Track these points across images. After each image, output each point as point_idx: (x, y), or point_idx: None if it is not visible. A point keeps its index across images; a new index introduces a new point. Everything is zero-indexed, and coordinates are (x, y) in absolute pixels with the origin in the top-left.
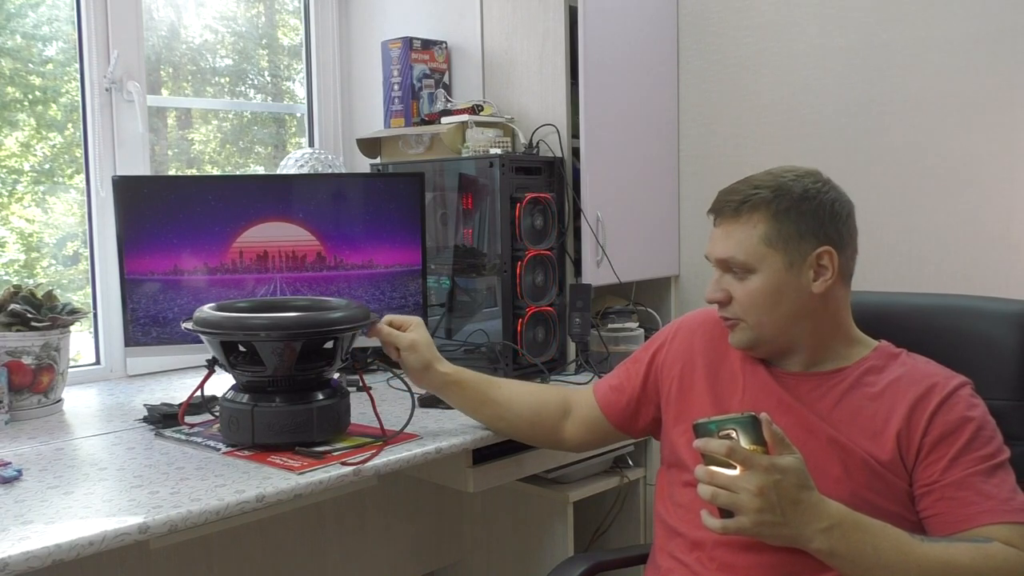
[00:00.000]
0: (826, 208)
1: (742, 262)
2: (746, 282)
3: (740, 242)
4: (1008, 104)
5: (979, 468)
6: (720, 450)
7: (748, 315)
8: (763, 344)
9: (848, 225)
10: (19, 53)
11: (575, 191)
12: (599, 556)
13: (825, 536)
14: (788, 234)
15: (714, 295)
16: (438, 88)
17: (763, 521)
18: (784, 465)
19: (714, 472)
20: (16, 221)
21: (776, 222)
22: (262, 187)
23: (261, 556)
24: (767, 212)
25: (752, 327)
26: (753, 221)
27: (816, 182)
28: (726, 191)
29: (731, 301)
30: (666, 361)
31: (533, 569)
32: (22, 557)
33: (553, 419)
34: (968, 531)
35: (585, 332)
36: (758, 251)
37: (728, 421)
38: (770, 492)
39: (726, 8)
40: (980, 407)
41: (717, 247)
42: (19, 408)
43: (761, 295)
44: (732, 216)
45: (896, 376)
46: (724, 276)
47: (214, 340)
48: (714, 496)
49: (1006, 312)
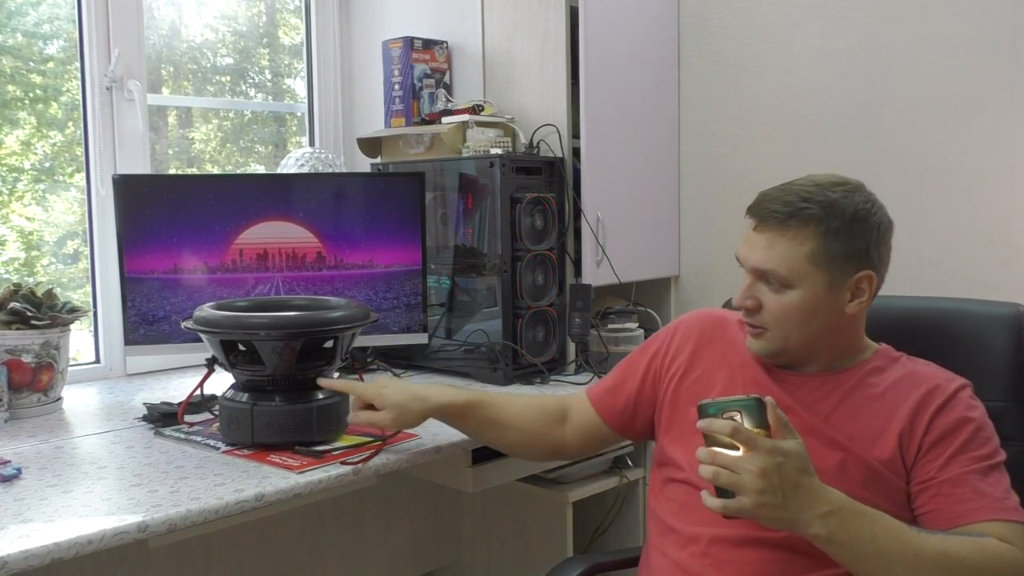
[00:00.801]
0: (874, 232)
1: (783, 276)
2: (781, 296)
3: (784, 256)
4: (1008, 105)
5: (976, 467)
6: (724, 429)
7: (777, 327)
8: (784, 355)
9: (888, 247)
10: (20, 51)
11: (575, 191)
12: (596, 558)
13: (824, 521)
14: (834, 255)
15: (744, 302)
16: (439, 88)
17: (763, 503)
18: (787, 448)
19: (716, 452)
20: (16, 219)
21: (825, 241)
22: (262, 186)
23: (260, 555)
24: (817, 230)
25: (779, 339)
26: (801, 237)
27: (867, 202)
28: (771, 198)
29: (760, 310)
30: (664, 363)
31: (532, 569)
32: (21, 555)
33: (552, 429)
34: (962, 527)
35: (585, 332)
36: (801, 268)
37: (733, 403)
38: (772, 474)
39: (727, 9)
40: (979, 409)
41: (756, 256)
42: (19, 406)
43: (796, 311)
44: (778, 227)
45: (898, 378)
46: (757, 284)
47: (214, 339)
48: (716, 476)
49: (997, 314)
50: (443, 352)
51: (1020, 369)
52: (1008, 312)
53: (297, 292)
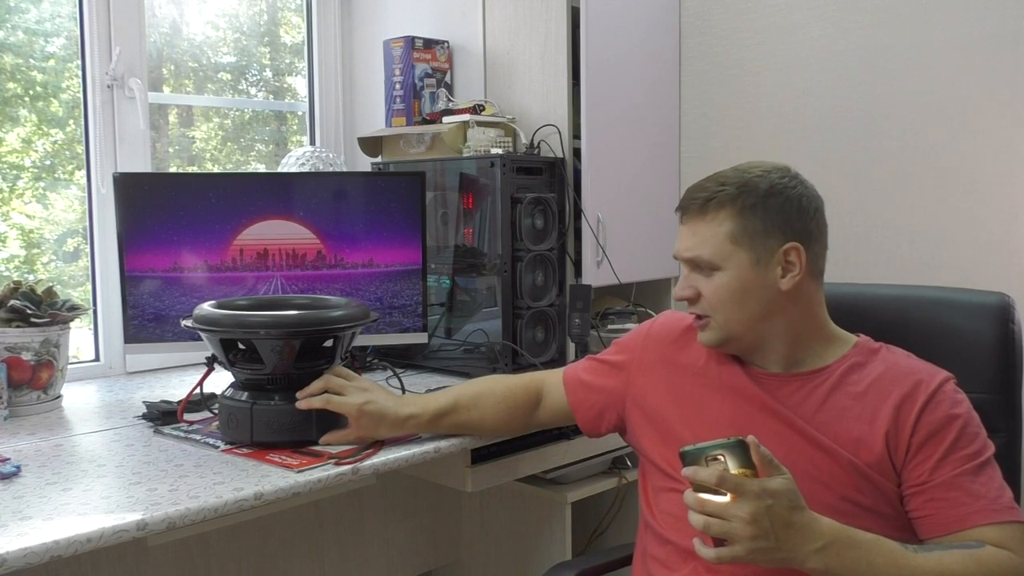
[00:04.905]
0: (793, 203)
1: (708, 260)
2: (713, 279)
3: (706, 240)
4: (1009, 106)
5: (967, 467)
6: (710, 480)
7: (716, 312)
8: (732, 342)
9: (817, 220)
10: (21, 49)
11: (576, 191)
12: (586, 562)
13: (820, 556)
14: (754, 231)
15: (683, 292)
16: (440, 87)
17: (757, 548)
18: (775, 488)
19: (704, 500)
20: (17, 217)
21: (742, 219)
22: (263, 185)
23: (259, 554)
24: (732, 209)
25: (721, 325)
26: (719, 219)
27: (783, 177)
28: (693, 188)
29: (700, 298)
30: (638, 372)
31: (530, 569)
32: (20, 553)
33: (523, 419)
34: (959, 532)
35: (585, 333)
36: (724, 249)
37: (715, 447)
38: (762, 518)
39: (728, 10)
40: (965, 403)
41: (683, 245)
42: (18, 404)
43: (728, 292)
44: (698, 214)
45: (879, 373)
46: (692, 274)
47: (214, 338)
48: (707, 527)
49: (983, 303)
50: (443, 352)
51: (1005, 359)
52: (993, 301)
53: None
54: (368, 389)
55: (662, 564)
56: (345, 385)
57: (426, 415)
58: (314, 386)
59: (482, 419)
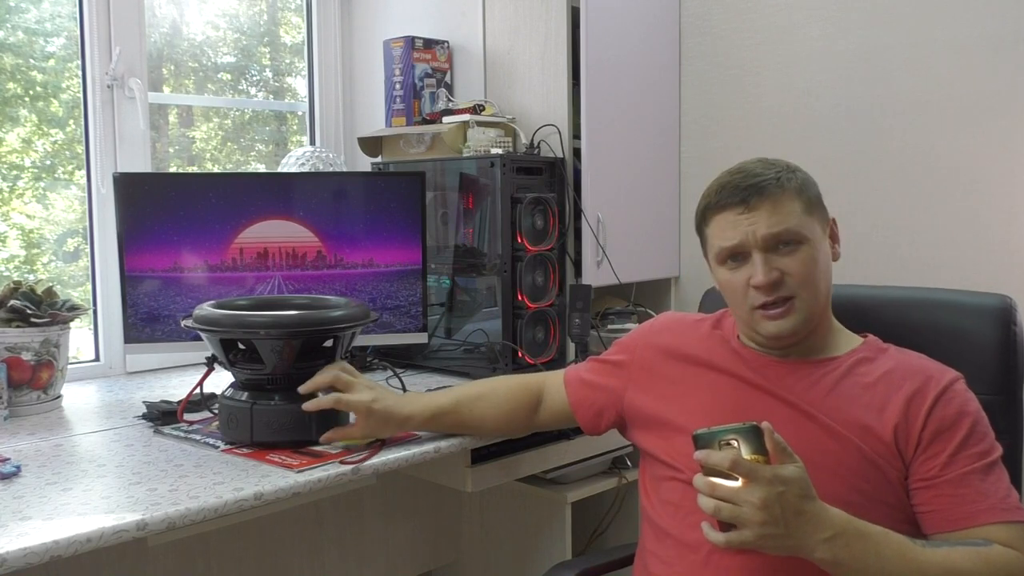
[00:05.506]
0: (814, 185)
1: (795, 231)
2: (797, 255)
3: (790, 213)
4: (1009, 107)
5: (977, 465)
6: (723, 463)
7: (803, 289)
8: (810, 322)
9: None
10: (21, 48)
11: (576, 191)
12: (586, 562)
13: (828, 546)
14: (815, 201)
15: (770, 275)
16: (440, 87)
17: (766, 534)
18: (787, 476)
19: (715, 484)
20: (17, 217)
21: (805, 192)
22: (263, 185)
23: (259, 554)
24: (796, 184)
25: (806, 303)
26: (790, 194)
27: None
28: (746, 176)
29: (783, 279)
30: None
31: (530, 569)
32: (20, 553)
33: (523, 420)
34: (966, 529)
35: (585, 333)
36: (804, 221)
37: (729, 431)
38: (773, 505)
39: (728, 10)
40: (974, 402)
41: (762, 226)
42: (18, 404)
43: (814, 264)
44: (775, 192)
45: (889, 368)
46: (769, 256)
47: (214, 338)
48: (717, 511)
49: (986, 305)
50: (443, 352)
51: (1007, 361)
52: (995, 303)
53: (292, 292)
54: (373, 387)
55: (660, 560)
56: (352, 382)
57: (427, 413)
58: (319, 380)
59: (483, 419)
